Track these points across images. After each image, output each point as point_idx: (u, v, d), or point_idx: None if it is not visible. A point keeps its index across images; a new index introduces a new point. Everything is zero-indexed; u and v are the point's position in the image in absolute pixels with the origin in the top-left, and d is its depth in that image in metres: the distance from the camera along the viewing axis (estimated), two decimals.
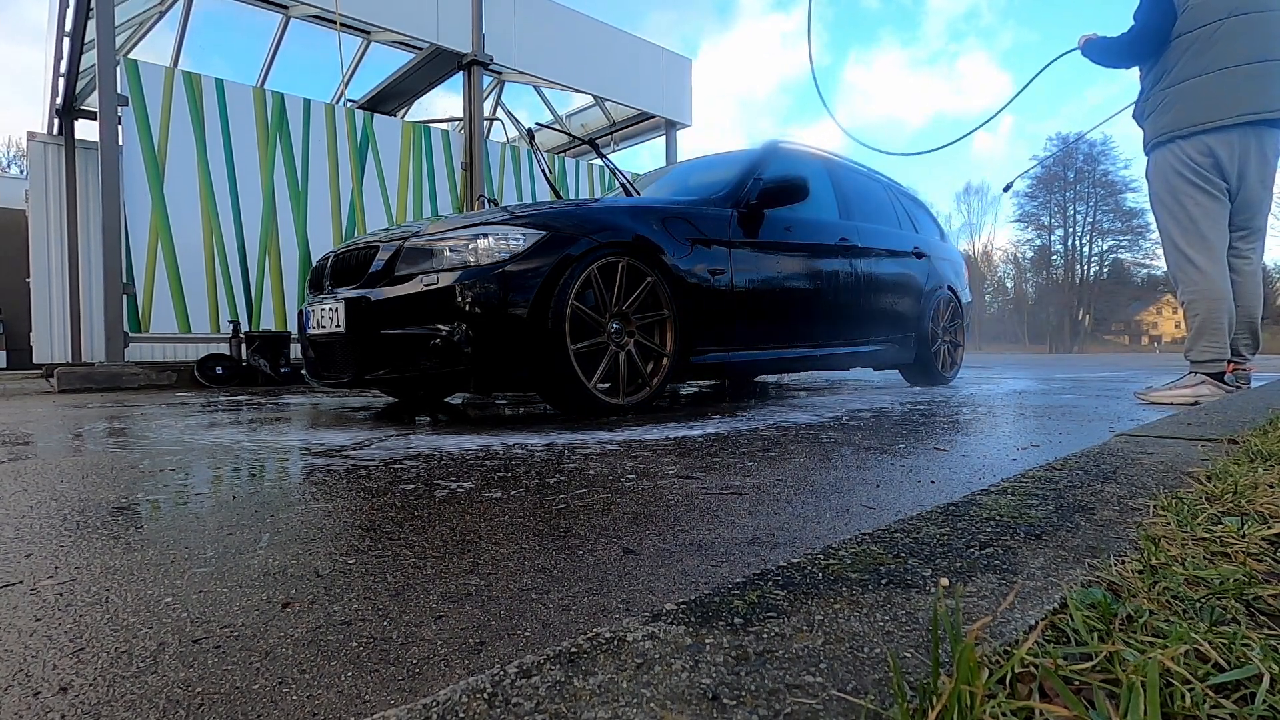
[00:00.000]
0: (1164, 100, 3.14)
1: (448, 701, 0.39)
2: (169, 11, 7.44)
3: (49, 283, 7.64)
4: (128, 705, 0.60)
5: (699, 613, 0.52)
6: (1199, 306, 3.09)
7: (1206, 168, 3.06)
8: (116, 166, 5.47)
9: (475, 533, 1.12)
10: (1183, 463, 1.12)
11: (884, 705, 0.38)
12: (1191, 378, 3.17)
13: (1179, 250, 3.15)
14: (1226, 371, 3.12)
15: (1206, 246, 3.09)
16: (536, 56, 8.06)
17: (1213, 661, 0.43)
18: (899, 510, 1.25)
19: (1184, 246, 3.13)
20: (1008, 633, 0.48)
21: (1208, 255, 3.08)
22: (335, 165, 6.73)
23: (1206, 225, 3.09)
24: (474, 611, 0.79)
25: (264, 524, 1.18)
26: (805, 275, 3.71)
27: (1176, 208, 3.15)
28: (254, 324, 6.26)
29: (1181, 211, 3.13)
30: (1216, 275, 3.07)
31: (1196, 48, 3.02)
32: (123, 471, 1.70)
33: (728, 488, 1.44)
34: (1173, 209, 3.17)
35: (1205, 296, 3.07)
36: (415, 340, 2.59)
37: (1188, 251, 3.12)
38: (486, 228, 2.62)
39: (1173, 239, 3.18)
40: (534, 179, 8.31)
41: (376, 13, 6.81)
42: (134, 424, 2.78)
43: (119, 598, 0.85)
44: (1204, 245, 3.09)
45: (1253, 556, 0.64)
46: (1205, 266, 3.08)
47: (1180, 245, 3.15)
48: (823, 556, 0.65)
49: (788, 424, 2.55)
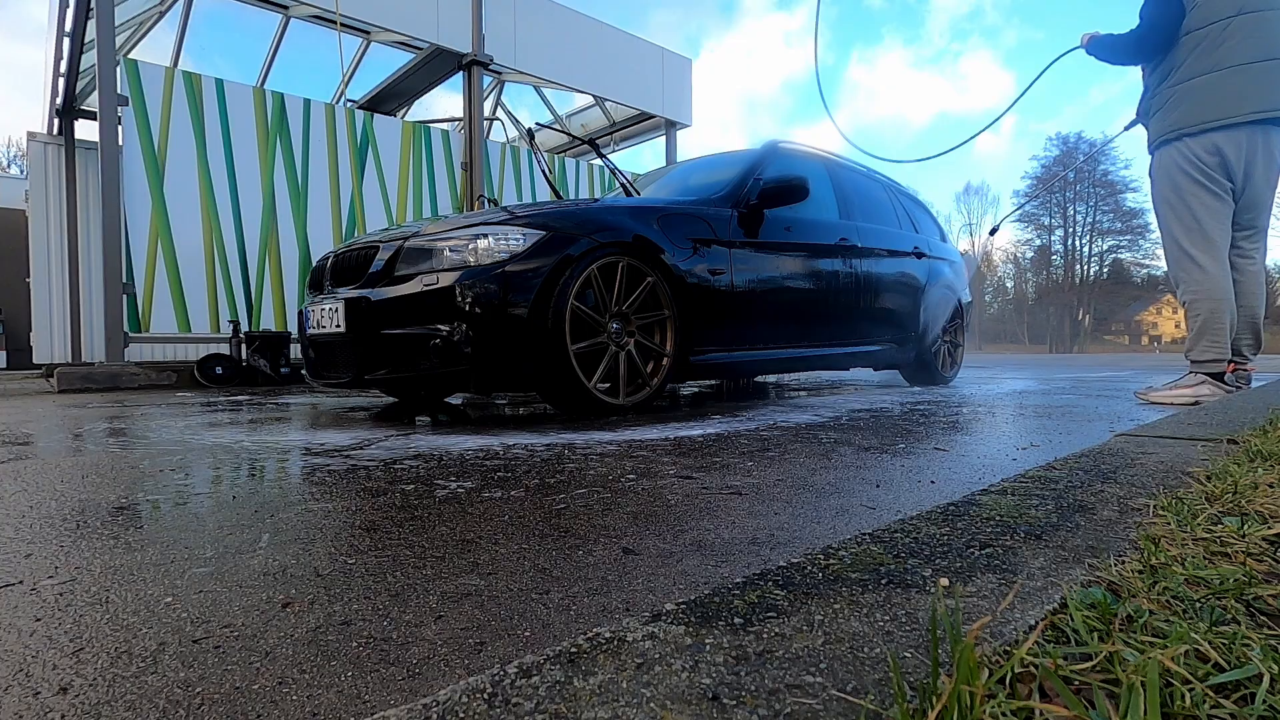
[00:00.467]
0: (1171, 98, 3.13)
1: (448, 701, 0.39)
2: (169, 11, 7.44)
3: (49, 283, 7.64)
4: (128, 705, 0.60)
5: (699, 613, 0.52)
6: (1201, 306, 3.09)
7: (1213, 166, 3.05)
8: (116, 166, 5.47)
9: (475, 533, 1.12)
10: (1183, 463, 1.12)
11: (884, 705, 0.38)
12: (1192, 378, 3.16)
13: (1182, 249, 3.14)
14: (1227, 371, 3.11)
15: (1210, 246, 3.08)
16: (536, 56, 8.06)
17: (1213, 661, 0.43)
18: (899, 510, 1.25)
19: (1187, 246, 3.12)
20: (1008, 633, 0.48)
21: (1211, 255, 3.07)
22: (335, 165, 6.73)
23: (1211, 225, 3.08)
24: (474, 611, 0.79)
25: (264, 524, 1.18)
26: (805, 275, 3.71)
27: (1181, 207, 3.14)
28: (254, 324, 6.26)
29: (1186, 211, 3.12)
30: (1219, 275, 3.06)
31: (1205, 45, 3.00)
32: (123, 471, 1.70)
33: (728, 488, 1.44)
34: (1177, 208, 3.16)
35: (1208, 296, 3.06)
36: (415, 340, 2.59)
37: (1191, 251, 3.10)
38: (486, 228, 2.62)
39: (1176, 238, 3.17)
40: (534, 179, 8.30)
41: (376, 13, 6.81)
42: (134, 424, 2.78)
43: (119, 598, 0.85)
44: (1208, 245, 3.08)
45: (1253, 556, 0.64)
46: (1208, 266, 3.07)
47: (1184, 244, 3.14)
48: (823, 556, 0.65)
49: (788, 424, 2.55)
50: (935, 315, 4.71)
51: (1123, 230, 44.51)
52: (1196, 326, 3.12)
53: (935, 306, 4.71)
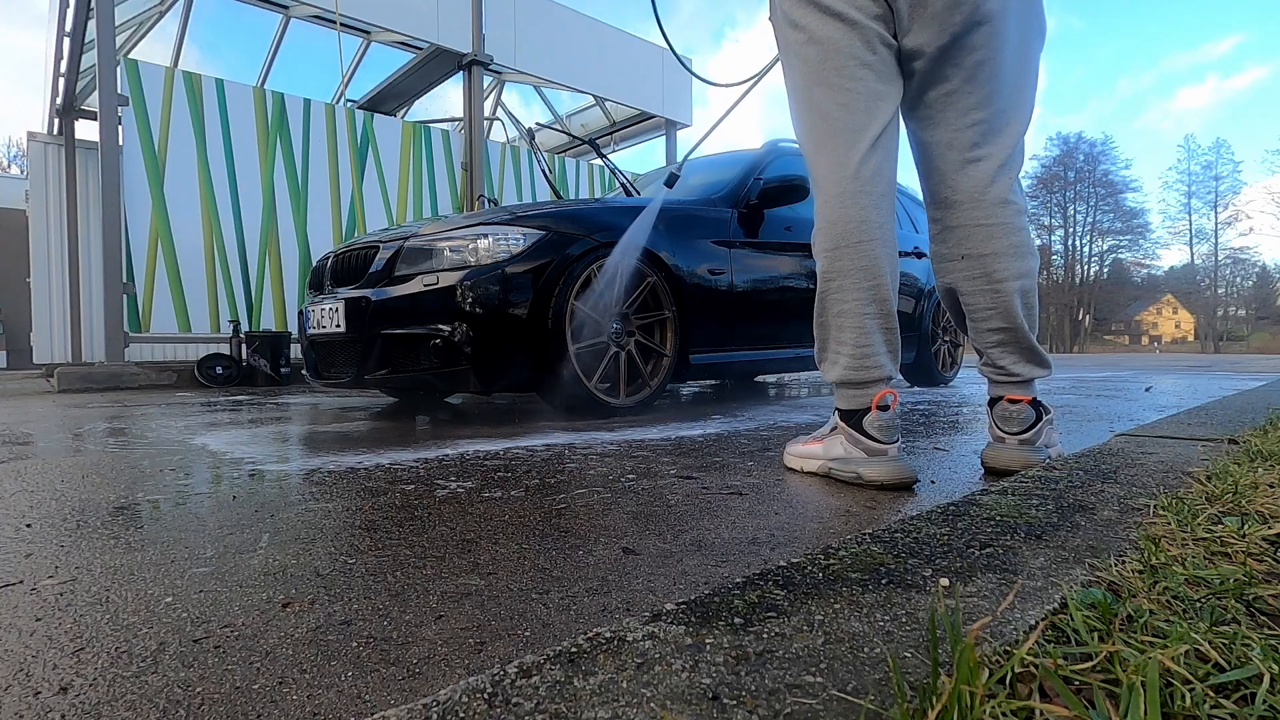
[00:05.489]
0: None
1: (448, 701, 0.39)
2: (169, 11, 7.44)
3: (49, 283, 7.64)
4: (128, 705, 0.60)
5: (699, 613, 0.52)
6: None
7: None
8: (116, 166, 5.47)
9: (475, 533, 1.12)
10: (1183, 463, 1.12)
11: (884, 705, 0.38)
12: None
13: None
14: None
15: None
16: (536, 56, 8.06)
17: (1213, 661, 0.43)
18: (899, 510, 1.25)
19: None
20: (1008, 633, 0.48)
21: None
22: (335, 165, 6.73)
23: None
24: (474, 611, 0.79)
25: (264, 524, 1.18)
26: (806, 275, 3.70)
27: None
28: (254, 324, 6.26)
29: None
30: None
31: None
32: (123, 471, 1.70)
33: (728, 488, 1.44)
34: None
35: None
36: (416, 340, 2.60)
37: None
38: (487, 228, 2.62)
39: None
40: (534, 179, 8.31)
41: (376, 13, 6.81)
42: (134, 424, 2.78)
43: (119, 597, 0.85)
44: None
45: (1253, 556, 0.64)
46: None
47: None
48: (823, 556, 0.65)
49: (788, 424, 2.55)
50: (935, 315, 4.71)
51: (1123, 230, 44.53)
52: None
53: (935, 306, 4.70)
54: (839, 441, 1.50)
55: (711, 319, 3.13)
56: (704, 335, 3.10)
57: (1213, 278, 44.38)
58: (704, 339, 3.11)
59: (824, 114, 1.45)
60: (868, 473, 1.43)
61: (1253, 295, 45.80)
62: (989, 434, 1.59)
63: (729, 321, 3.22)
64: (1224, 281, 45.09)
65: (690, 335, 3.01)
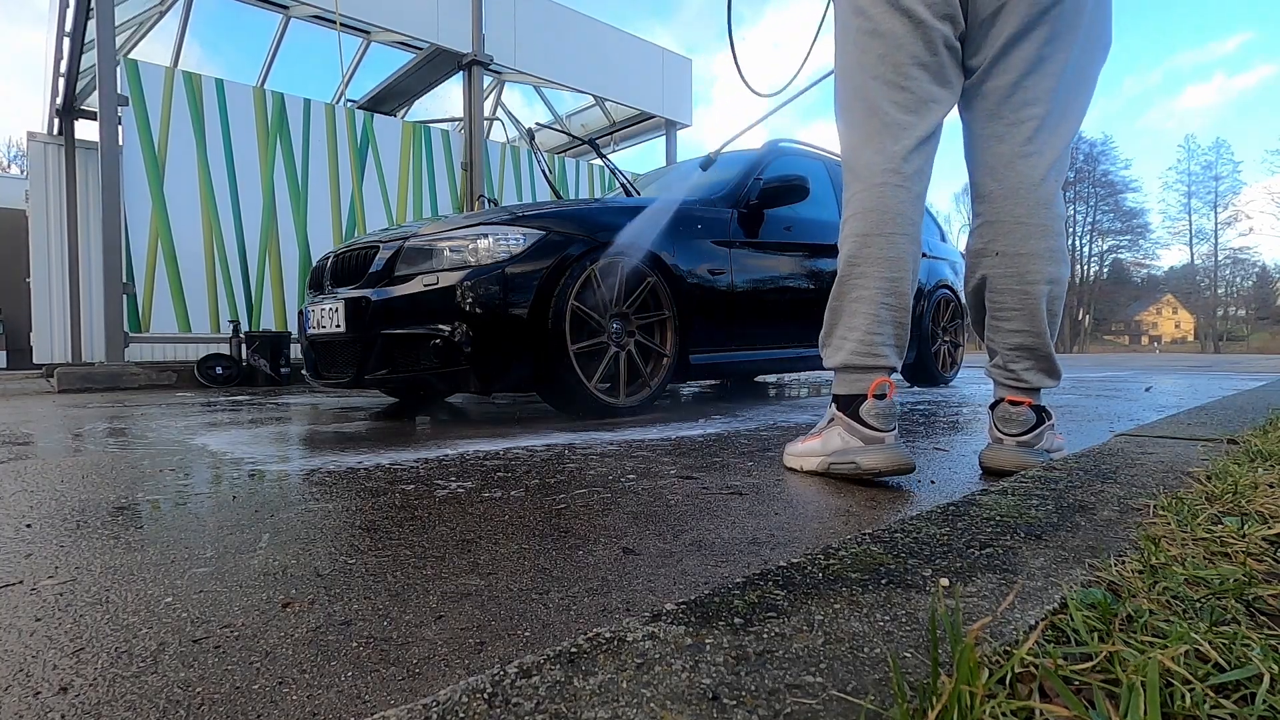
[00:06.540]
0: None
1: (448, 701, 0.39)
2: (169, 11, 7.44)
3: (49, 283, 7.64)
4: (128, 705, 0.60)
5: (699, 613, 0.52)
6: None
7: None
8: (116, 166, 5.47)
9: (475, 533, 1.12)
10: (1183, 463, 1.12)
11: (884, 705, 0.38)
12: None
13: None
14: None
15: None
16: (536, 56, 8.06)
17: (1213, 661, 0.43)
18: (899, 510, 1.25)
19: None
20: (1008, 633, 0.48)
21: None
22: (335, 165, 6.73)
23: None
24: (474, 611, 0.79)
25: (264, 524, 1.18)
26: (806, 275, 3.71)
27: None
28: (254, 324, 6.26)
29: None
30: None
31: None
32: (123, 471, 1.70)
33: (728, 488, 1.44)
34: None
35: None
36: (416, 340, 2.60)
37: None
38: (487, 228, 2.62)
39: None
40: (534, 179, 8.30)
41: (376, 13, 6.81)
42: (134, 424, 2.78)
43: (119, 598, 0.85)
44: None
45: (1253, 556, 0.64)
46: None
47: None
48: (823, 556, 0.65)
49: (788, 424, 2.55)
50: (935, 315, 4.71)
51: (1123, 230, 44.53)
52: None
53: (935, 306, 4.71)
54: (836, 432, 1.50)
55: (712, 319, 3.13)
56: (704, 335, 3.10)
57: (1213, 278, 44.39)
58: (704, 339, 3.11)
59: (874, 108, 1.44)
60: (865, 461, 1.43)
61: (1252, 295, 45.81)
62: (988, 435, 1.60)
63: (729, 322, 3.22)
64: (1224, 281, 45.12)
65: (690, 335, 3.01)
